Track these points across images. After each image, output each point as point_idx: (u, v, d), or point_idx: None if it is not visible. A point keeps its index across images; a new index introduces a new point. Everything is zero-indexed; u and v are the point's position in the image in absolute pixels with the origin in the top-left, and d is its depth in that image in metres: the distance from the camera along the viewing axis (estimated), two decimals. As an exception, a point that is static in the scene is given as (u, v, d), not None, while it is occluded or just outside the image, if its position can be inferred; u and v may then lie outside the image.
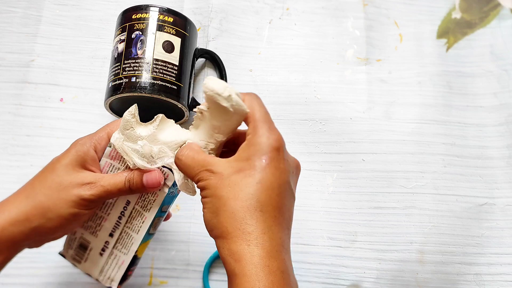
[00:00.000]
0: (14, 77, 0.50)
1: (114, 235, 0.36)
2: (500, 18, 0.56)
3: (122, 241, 0.36)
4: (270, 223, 0.27)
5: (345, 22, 0.55)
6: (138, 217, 0.36)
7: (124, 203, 0.36)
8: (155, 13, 0.44)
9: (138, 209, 0.36)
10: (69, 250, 0.37)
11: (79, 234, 0.37)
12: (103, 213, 0.36)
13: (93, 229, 0.36)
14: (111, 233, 0.36)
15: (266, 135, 0.28)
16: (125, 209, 0.36)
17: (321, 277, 0.45)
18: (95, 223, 0.36)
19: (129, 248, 0.36)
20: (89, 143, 0.34)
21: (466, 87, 0.53)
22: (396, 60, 0.54)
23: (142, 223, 0.35)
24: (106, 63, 0.51)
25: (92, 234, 0.36)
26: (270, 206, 0.27)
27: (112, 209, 0.36)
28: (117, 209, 0.36)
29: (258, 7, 0.55)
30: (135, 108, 0.33)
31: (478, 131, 0.51)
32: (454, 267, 0.46)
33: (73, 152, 0.33)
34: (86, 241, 0.37)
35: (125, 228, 0.36)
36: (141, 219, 0.35)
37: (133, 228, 0.36)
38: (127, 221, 0.36)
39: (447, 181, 0.49)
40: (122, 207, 0.36)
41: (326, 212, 0.47)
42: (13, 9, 0.53)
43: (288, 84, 0.52)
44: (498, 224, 0.48)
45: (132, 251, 0.36)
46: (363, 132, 0.50)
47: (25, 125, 0.49)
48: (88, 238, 0.37)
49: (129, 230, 0.36)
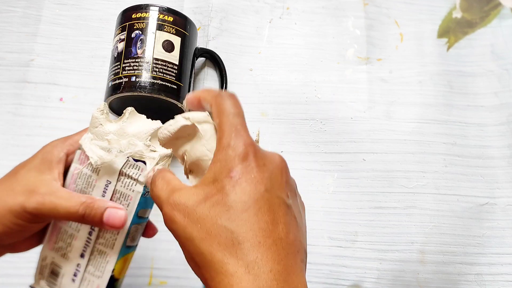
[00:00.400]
0: (14, 77, 0.50)
1: (85, 255, 0.30)
2: (501, 18, 0.56)
3: (95, 262, 0.30)
4: (255, 254, 0.21)
5: (346, 21, 0.55)
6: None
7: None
8: (155, 13, 0.44)
9: None
10: (41, 280, 0.32)
11: (50, 259, 0.31)
12: (73, 229, 0.31)
13: (63, 250, 0.31)
14: (82, 254, 0.30)
15: (231, 145, 0.24)
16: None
17: (322, 277, 0.45)
18: (65, 242, 0.31)
19: (104, 268, 0.30)
20: (61, 146, 0.30)
21: (466, 87, 0.53)
22: (397, 59, 0.54)
23: (116, 235, 0.30)
24: (106, 63, 0.51)
25: (63, 256, 0.31)
26: (250, 232, 0.22)
27: (81, 225, 0.31)
28: (86, 227, 0.31)
29: (258, 6, 0.55)
30: (104, 105, 0.30)
31: (479, 130, 0.51)
32: (455, 267, 0.46)
33: (39, 156, 0.29)
34: (57, 266, 0.31)
35: (97, 244, 0.30)
36: (115, 231, 0.30)
37: (106, 244, 0.30)
38: (98, 235, 0.30)
39: (448, 180, 0.49)
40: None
41: (327, 212, 0.47)
42: (12, 9, 0.53)
43: (289, 84, 0.52)
44: (499, 224, 0.48)
45: (107, 272, 0.30)
46: (364, 131, 0.50)
47: (24, 125, 0.48)
48: (60, 262, 0.31)
49: (102, 246, 0.30)
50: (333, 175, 0.49)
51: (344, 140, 0.50)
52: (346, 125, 0.50)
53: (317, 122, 0.50)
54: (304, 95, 0.51)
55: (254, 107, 0.51)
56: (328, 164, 0.49)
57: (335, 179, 0.49)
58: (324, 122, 0.50)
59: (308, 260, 0.45)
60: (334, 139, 0.50)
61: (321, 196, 0.48)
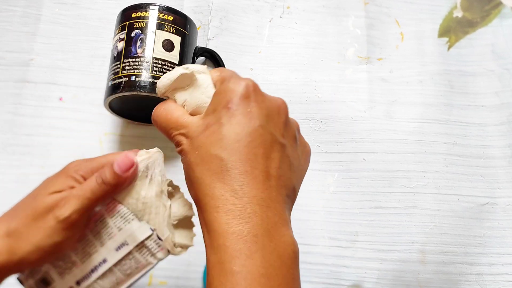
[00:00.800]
0: (14, 76, 0.50)
1: (81, 284, 0.31)
2: (502, 17, 0.56)
3: None
4: (240, 181, 0.24)
5: (346, 20, 0.55)
6: (113, 277, 0.32)
7: (100, 259, 0.32)
8: (155, 12, 0.44)
9: (114, 271, 0.32)
10: (29, 279, 0.32)
11: (45, 268, 0.32)
12: (77, 258, 0.32)
13: (61, 269, 0.32)
14: (78, 282, 0.32)
15: (233, 80, 0.26)
16: (100, 266, 0.32)
17: (322, 277, 0.45)
18: (66, 264, 0.32)
19: None
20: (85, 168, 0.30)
21: (467, 86, 0.53)
22: (397, 59, 0.54)
23: (116, 285, 0.32)
24: (105, 62, 0.51)
25: (59, 274, 0.32)
26: (239, 161, 0.24)
27: (88, 258, 0.32)
28: (92, 262, 0.32)
29: (258, 5, 0.55)
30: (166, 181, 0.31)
31: (480, 130, 0.51)
32: (456, 267, 0.46)
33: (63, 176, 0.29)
34: (50, 278, 0.32)
35: (95, 284, 0.32)
36: (116, 281, 0.32)
37: (104, 287, 0.32)
38: (97, 279, 0.32)
39: (449, 180, 0.49)
40: (98, 262, 0.32)
41: (327, 212, 0.47)
42: (12, 8, 0.53)
43: (289, 83, 0.52)
44: (500, 224, 0.47)
45: None
46: (364, 131, 0.50)
47: (24, 125, 0.48)
48: (53, 276, 0.32)
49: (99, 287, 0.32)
50: (334, 175, 0.49)
51: (344, 140, 0.50)
52: (346, 124, 0.50)
53: (317, 122, 0.50)
54: (304, 94, 0.51)
55: (254, 107, 0.51)
56: (329, 164, 0.49)
57: (336, 179, 0.49)
58: (325, 122, 0.50)
59: (308, 260, 0.45)
60: (334, 138, 0.50)
61: (321, 196, 0.48)
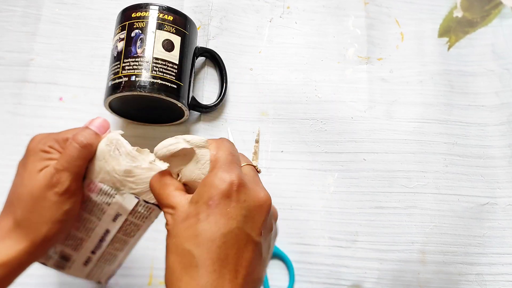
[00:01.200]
0: (13, 76, 0.50)
1: (96, 253, 0.35)
2: (502, 17, 0.56)
3: (107, 257, 0.36)
4: (207, 279, 0.24)
5: (346, 20, 0.55)
6: (121, 240, 0.35)
7: (103, 231, 0.34)
8: (155, 12, 0.44)
9: (119, 236, 0.34)
10: (50, 259, 0.35)
11: (59, 248, 0.34)
12: (83, 234, 0.34)
13: (73, 246, 0.34)
14: (93, 251, 0.35)
15: (219, 175, 0.26)
16: (106, 235, 0.34)
17: (322, 277, 0.45)
18: (76, 242, 0.34)
19: (115, 260, 0.36)
20: (50, 140, 0.31)
21: (467, 86, 0.53)
22: (397, 59, 0.54)
23: (125, 246, 0.35)
24: (105, 62, 0.51)
25: (74, 249, 0.35)
26: (209, 260, 0.25)
27: (92, 232, 0.34)
28: (97, 234, 0.34)
29: (258, 5, 0.55)
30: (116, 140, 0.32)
31: (480, 130, 0.51)
32: (456, 267, 0.46)
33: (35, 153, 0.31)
34: (67, 254, 0.35)
35: (108, 249, 0.35)
36: (124, 242, 0.35)
37: (117, 248, 0.35)
38: (108, 245, 0.35)
39: (449, 180, 0.49)
40: (102, 233, 0.34)
41: (327, 212, 0.47)
42: (12, 8, 0.53)
43: (289, 83, 0.52)
44: (500, 224, 0.47)
45: (119, 263, 0.37)
46: (364, 131, 0.50)
47: (24, 125, 0.48)
48: (70, 252, 0.35)
49: (113, 250, 0.35)
50: (334, 175, 0.49)
51: (344, 139, 0.50)
52: (346, 124, 0.50)
53: (317, 122, 0.50)
54: (304, 94, 0.51)
55: (254, 107, 0.51)
56: (329, 163, 0.49)
57: (336, 179, 0.48)
58: (325, 122, 0.50)
59: (308, 260, 0.45)
60: (334, 138, 0.50)
61: (321, 196, 0.48)
